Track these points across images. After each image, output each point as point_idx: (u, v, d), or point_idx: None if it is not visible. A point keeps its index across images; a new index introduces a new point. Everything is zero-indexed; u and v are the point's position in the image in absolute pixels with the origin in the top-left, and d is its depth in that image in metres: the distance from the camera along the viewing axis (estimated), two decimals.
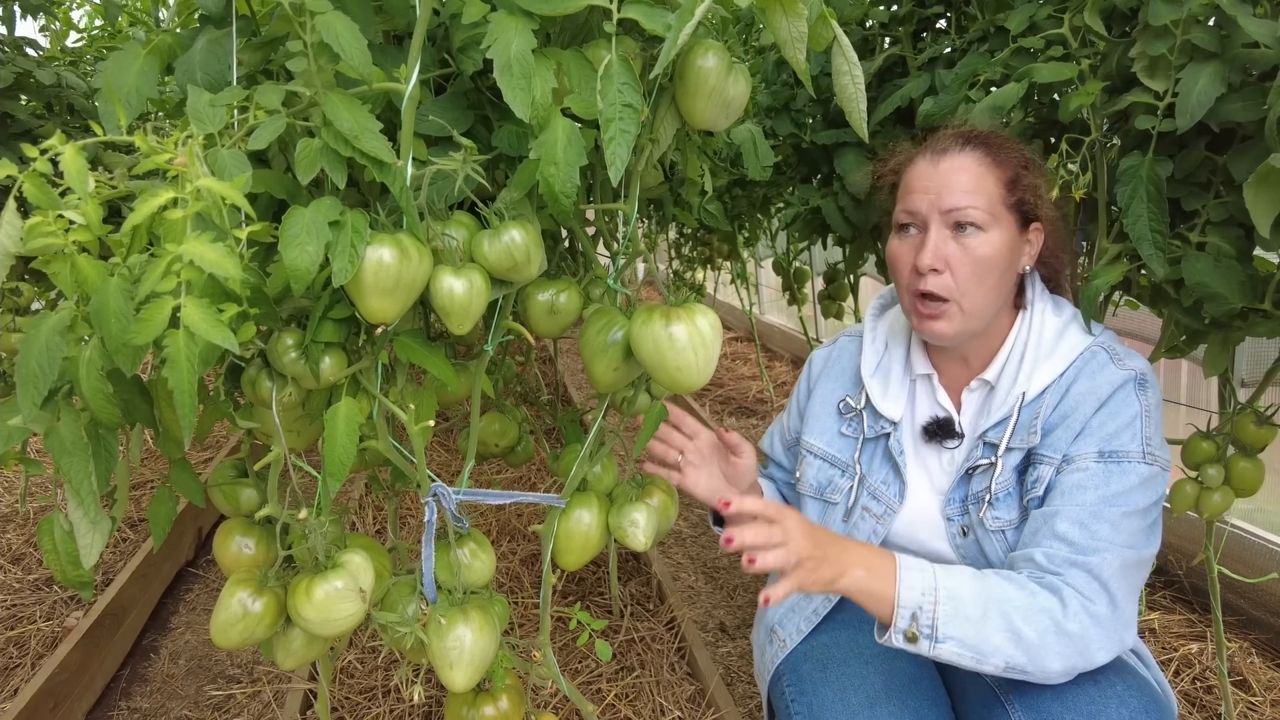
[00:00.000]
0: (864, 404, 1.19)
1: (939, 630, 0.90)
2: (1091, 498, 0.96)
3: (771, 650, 1.17)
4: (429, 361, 0.93)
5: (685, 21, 0.80)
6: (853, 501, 1.16)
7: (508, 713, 1.11)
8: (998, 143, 1.05)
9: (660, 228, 3.01)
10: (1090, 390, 1.01)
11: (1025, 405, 1.05)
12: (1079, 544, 0.94)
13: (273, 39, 0.89)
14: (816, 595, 1.16)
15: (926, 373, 1.15)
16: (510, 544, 2.46)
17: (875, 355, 1.20)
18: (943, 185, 1.03)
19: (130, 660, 2.04)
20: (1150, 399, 1.01)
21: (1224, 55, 0.97)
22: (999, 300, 1.06)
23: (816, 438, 1.22)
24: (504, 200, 0.91)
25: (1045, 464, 1.01)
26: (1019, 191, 1.03)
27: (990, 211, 1.02)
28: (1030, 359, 1.06)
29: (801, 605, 1.17)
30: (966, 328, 1.05)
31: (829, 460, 1.20)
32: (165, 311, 0.67)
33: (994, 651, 0.90)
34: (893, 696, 1.00)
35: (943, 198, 1.02)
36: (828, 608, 1.15)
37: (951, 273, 1.02)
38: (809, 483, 1.21)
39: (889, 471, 1.15)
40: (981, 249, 1.01)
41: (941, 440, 1.11)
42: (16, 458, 0.89)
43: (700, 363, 0.90)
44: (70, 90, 1.92)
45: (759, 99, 1.81)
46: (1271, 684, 1.75)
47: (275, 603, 0.95)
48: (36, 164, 0.71)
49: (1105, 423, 0.99)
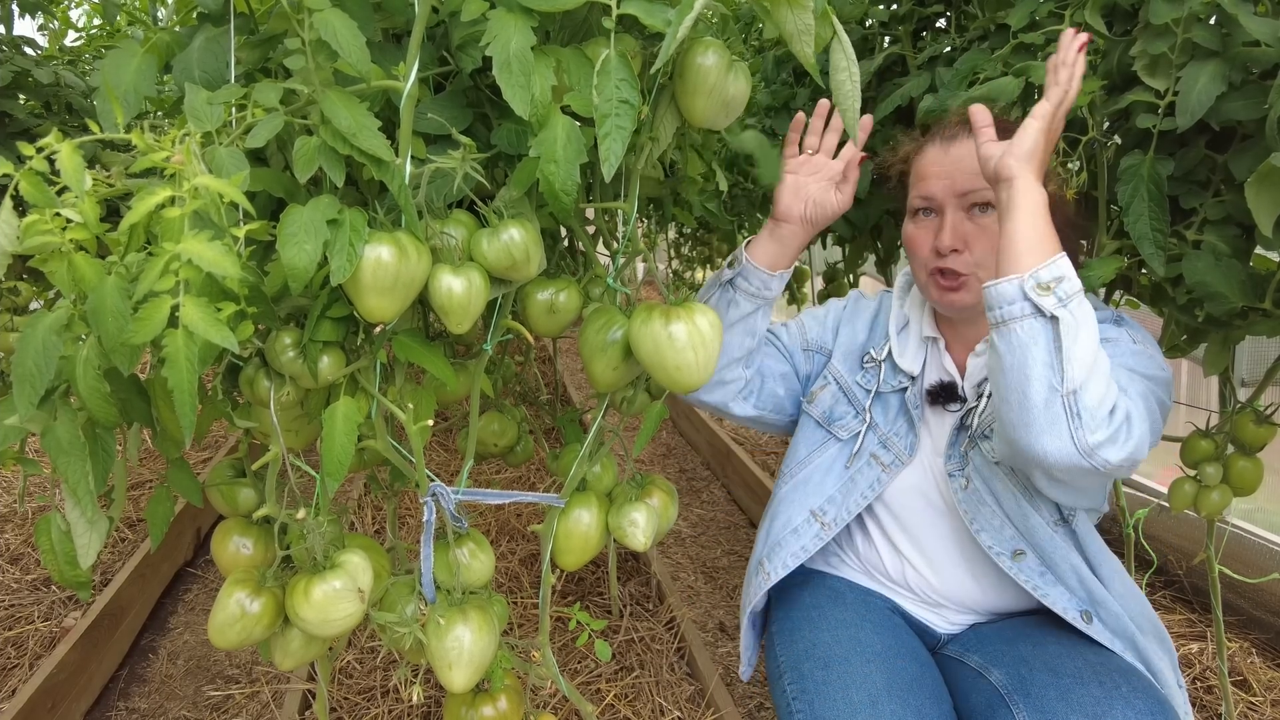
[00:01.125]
0: (886, 356, 1.23)
1: (1070, 304, 0.86)
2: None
3: (757, 580, 1.21)
4: (428, 361, 0.93)
5: (685, 16, 0.80)
6: (859, 446, 1.20)
7: (507, 713, 1.10)
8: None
9: (660, 227, 3.01)
10: None
11: None
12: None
13: (271, 37, 0.89)
14: (805, 533, 1.19)
15: (933, 336, 1.20)
16: (510, 544, 2.45)
17: (900, 321, 1.25)
18: (955, 169, 1.08)
19: (128, 660, 2.04)
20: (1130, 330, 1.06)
21: (1225, 54, 0.97)
22: None
23: (844, 369, 1.26)
24: (503, 199, 0.90)
25: None
26: None
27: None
28: None
29: (788, 541, 1.20)
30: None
31: (847, 395, 1.24)
32: (163, 310, 0.67)
33: (1078, 362, 0.86)
34: (895, 695, 1.00)
35: (957, 181, 1.07)
36: (817, 545, 1.18)
37: (970, 250, 1.07)
38: (819, 405, 1.25)
39: (904, 424, 1.19)
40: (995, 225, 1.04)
41: (945, 403, 1.16)
42: (14, 457, 0.89)
43: (700, 362, 0.90)
44: (69, 89, 1.92)
45: (759, 98, 1.81)
46: (1272, 684, 1.75)
47: (273, 603, 0.94)
48: (33, 162, 0.71)
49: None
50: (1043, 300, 0.86)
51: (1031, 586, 1.07)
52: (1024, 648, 1.05)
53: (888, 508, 1.20)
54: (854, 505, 1.18)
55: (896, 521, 1.20)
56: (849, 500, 1.19)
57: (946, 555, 1.16)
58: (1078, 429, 0.86)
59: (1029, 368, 0.87)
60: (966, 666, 1.09)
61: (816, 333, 1.32)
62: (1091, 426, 0.86)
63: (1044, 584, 1.07)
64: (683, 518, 2.73)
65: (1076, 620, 1.05)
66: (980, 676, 1.05)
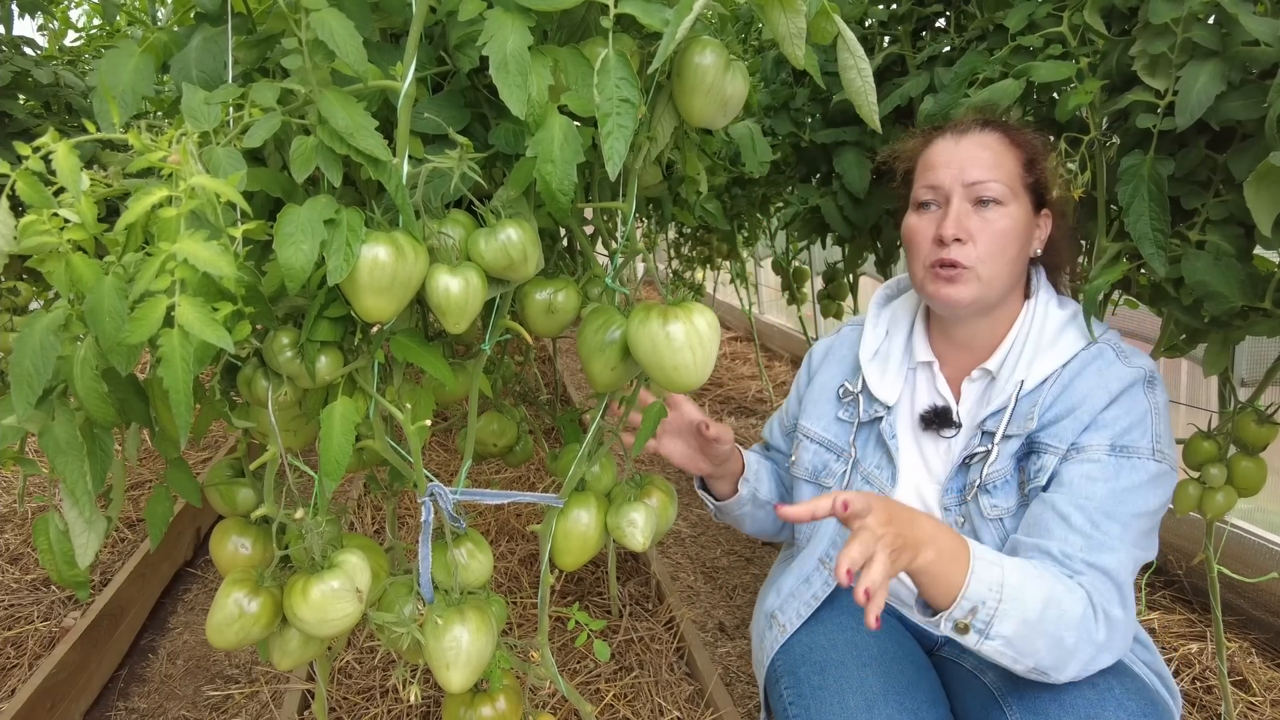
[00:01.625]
0: (860, 388, 1.21)
1: (993, 628, 0.87)
2: (1102, 491, 0.96)
3: (771, 636, 1.18)
4: (426, 361, 0.93)
5: (683, 16, 0.80)
6: (845, 485, 1.18)
7: (505, 713, 1.10)
8: (1016, 126, 1.10)
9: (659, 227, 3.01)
10: (1099, 385, 1.02)
11: (1024, 395, 1.06)
12: (1092, 541, 0.94)
13: (268, 36, 0.89)
14: (815, 580, 1.17)
15: (928, 360, 1.17)
16: (509, 544, 2.45)
17: (876, 340, 1.23)
18: (965, 160, 1.07)
19: (128, 660, 2.04)
20: (1159, 399, 1.03)
21: (1224, 53, 0.96)
22: (1013, 276, 1.08)
23: (813, 423, 1.25)
24: (501, 198, 0.90)
25: (1049, 453, 1.01)
26: (1036, 173, 1.07)
27: (1010, 187, 1.05)
28: (1031, 348, 1.08)
29: (800, 591, 1.18)
30: (981, 296, 1.07)
31: (824, 445, 1.23)
32: (159, 310, 0.67)
33: (1031, 654, 0.88)
34: (891, 699, 1.00)
35: (966, 171, 1.06)
36: (826, 591, 1.16)
37: (973, 243, 1.05)
38: (804, 466, 1.24)
39: (881, 456, 1.17)
40: (1001, 222, 1.05)
41: (938, 429, 1.13)
42: (13, 457, 0.89)
43: (698, 362, 0.90)
44: (68, 89, 1.92)
45: (758, 98, 1.80)
46: (1271, 684, 1.74)
47: (271, 603, 0.94)
48: (29, 162, 0.71)
49: (1118, 418, 1.00)
50: (968, 639, 0.88)
51: None
52: None
53: None
54: None
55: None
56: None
57: None
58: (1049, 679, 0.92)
59: (1010, 666, 0.91)
60: (962, 668, 1.09)
61: (794, 408, 1.33)
62: (1061, 673, 0.91)
63: None
64: (682, 518, 2.73)
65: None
66: (975, 678, 1.04)
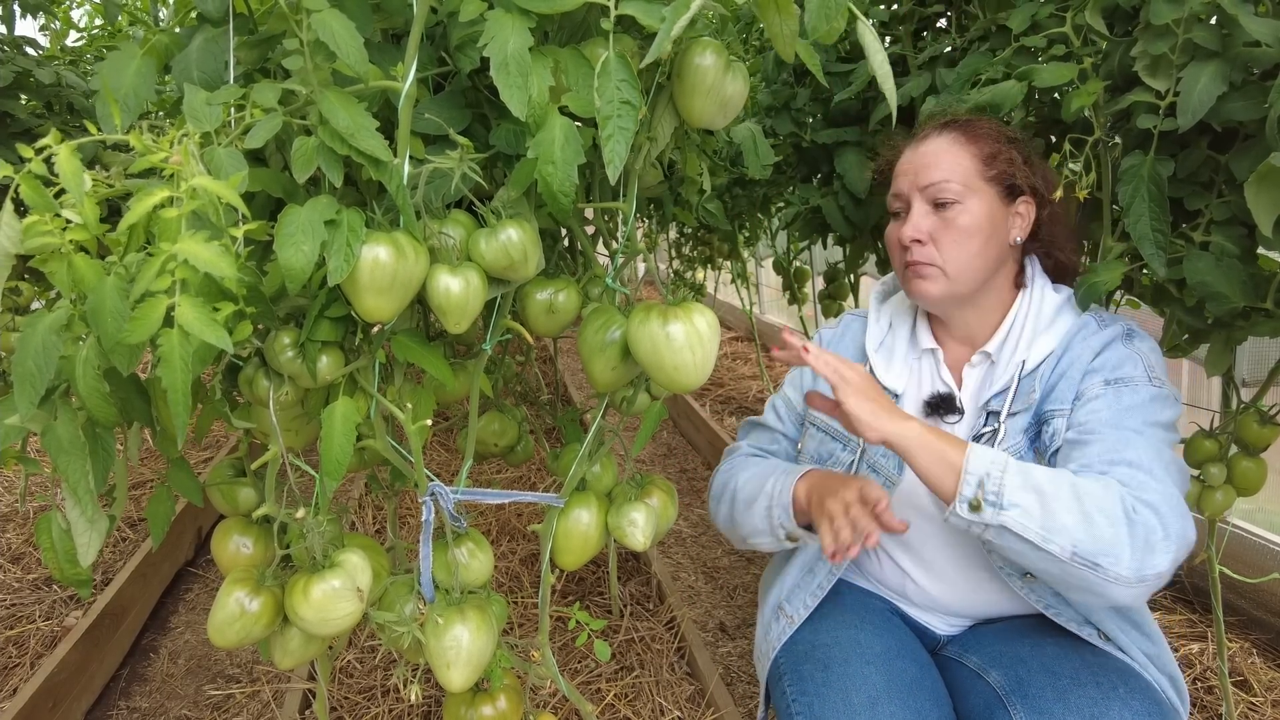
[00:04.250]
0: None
1: (1005, 496, 0.87)
2: (1107, 414, 0.99)
3: (779, 627, 1.17)
4: (427, 361, 0.93)
5: (680, 14, 0.80)
6: (853, 473, 1.18)
7: (506, 712, 1.10)
8: (974, 123, 1.12)
9: (660, 227, 3.01)
10: (1085, 348, 1.07)
11: (1024, 375, 1.09)
12: (1108, 446, 0.95)
13: (269, 37, 0.89)
14: (820, 571, 1.18)
15: (931, 348, 1.19)
16: (510, 543, 2.46)
17: (880, 333, 1.25)
18: (920, 165, 1.11)
19: (129, 660, 2.04)
20: (1141, 344, 1.06)
21: (1225, 54, 0.96)
22: (985, 266, 1.10)
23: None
24: (501, 199, 0.90)
25: (1058, 416, 1.04)
26: (998, 165, 1.09)
27: (965, 184, 1.08)
28: (1030, 331, 1.11)
29: (806, 582, 1.19)
30: (952, 290, 1.10)
31: (830, 433, 1.23)
32: (159, 310, 0.67)
33: (1061, 530, 0.86)
34: (894, 697, 1.00)
35: (919, 176, 1.10)
36: (831, 581, 1.17)
37: (934, 243, 1.09)
38: (810, 453, 1.24)
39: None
40: (960, 219, 1.07)
41: (943, 415, 1.14)
42: (15, 457, 0.89)
43: (698, 362, 0.90)
44: (70, 89, 1.93)
45: (759, 98, 1.80)
46: (1272, 684, 1.74)
47: (272, 602, 0.94)
48: (32, 164, 0.71)
49: (1105, 361, 1.04)
50: (981, 516, 0.88)
51: (1044, 606, 1.06)
52: (1022, 648, 1.04)
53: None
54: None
55: (894, 537, 1.18)
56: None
57: (946, 566, 1.15)
58: (1107, 575, 0.86)
59: (1025, 559, 0.91)
60: (965, 667, 1.09)
61: (796, 397, 1.32)
62: (1117, 562, 0.85)
63: (1057, 603, 1.06)
64: (683, 518, 2.73)
65: (1092, 637, 1.03)
66: (979, 677, 1.04)
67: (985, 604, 1.15)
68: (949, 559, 1.15)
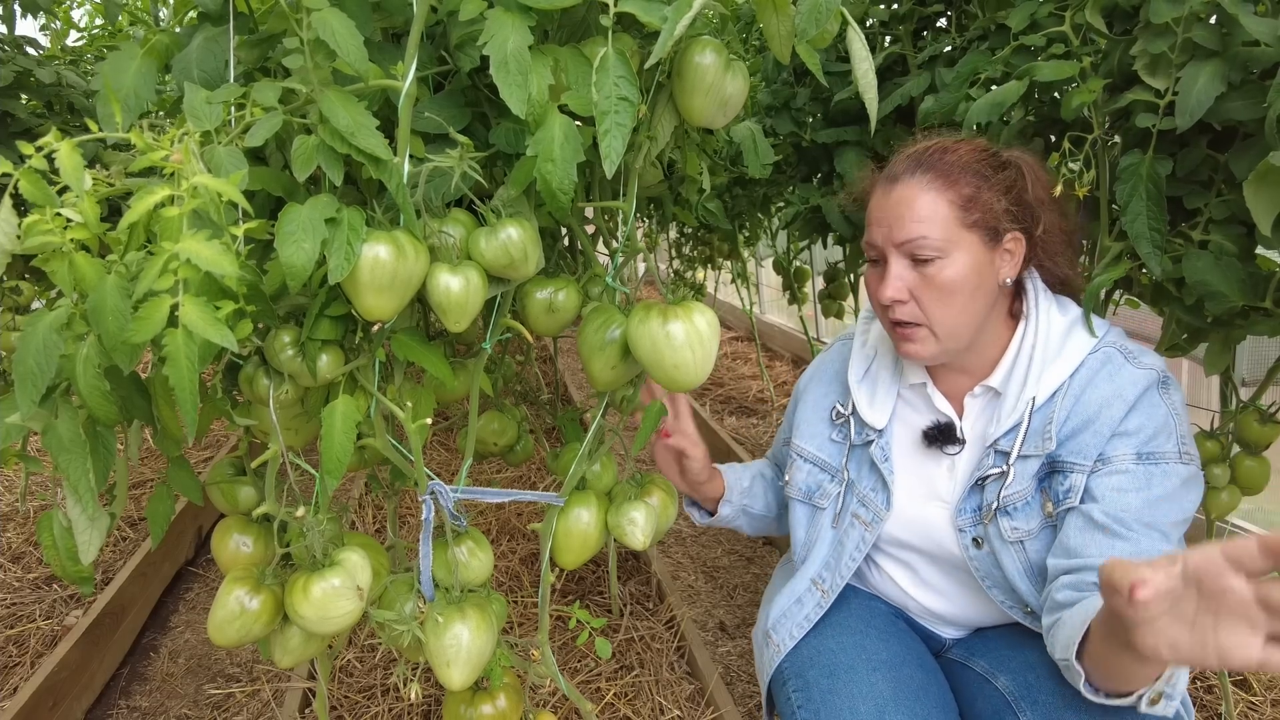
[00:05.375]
0: (851, 410, 1.18)
1: (1177, 687, 0.83)
2: (1136, 502, 0.93)
3: (769, 653, 1.17)
4: (427, 359, 0.93)
5: (682, 13, 0.80)
6: (841, 507, 1.17)
7: (505, 711, 1.10)
8: (950, 160, 1.01)
9: (660, 227, 3.01)
10: (1114, 394, 0.98)
11: (1036, 410, 1.02)
12: (1138, 549, 0.91)
13: (270, 36, 0.89)
14: (808, 601, 1.16)
15: (920, 382, 1.13)
16: (510, 543, 2.46)
17: (864, 362, 1.19)
18: (894, 217, 1.00)
19: (130, 659, 2.04)
20: (1175, 398, 0.99)
21: (1224, 53, 0.96)
22: (974, 318, 1.02)
23: (807, 441, 1.22)
24: (501, 197, 0.91)
25: (1076, 471, 0.97)
26: (977, 210, 0.99)
27: (946, 236, 0.98)
28: (1039, 362, 1.03)
29: (793, 611, 1.16)
30: (944, 347, 1.03)
31: (818, 464, 1.20)
32: (163, 310, 0.67)
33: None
34: (902, 704, 0.98)
35: (894, 230, 1.00)
36: (819, 613, 1.14)
37: (916, 301, 1.00)
38: (797, 486, 1.21)
39: (875, 479, 1.14)
40: (942, 274, 0.98)
41: (942, 446, 1.09)
42: (16, 455, 0.89)
43: (697, 361, 0.90)
44: (70, 89, 1.93)
45: (759, 98, 1.81)
46: (1272, 684, 1.74)
47: (272, 600, 0.95)
48: (33, 161, 0.71)
49: (1141, 426, 0.96)
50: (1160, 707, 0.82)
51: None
52: (1031, 653, 1.02)
53: (884, 552, 1.17)
54: (845, 570, 1.15)
55: (895, 562, 1.17)
56: (840, 565, 1.15)
57: (949, 586, 1.14)
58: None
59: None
60: (972, 671, 1.08)
61: (787, 427, 1.31)
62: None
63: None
64: (683, 517, 2.73)
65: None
66: (986, 682, 1.03)
67: (987, 616, 1.15)
68: (952, 581, 1.14)
